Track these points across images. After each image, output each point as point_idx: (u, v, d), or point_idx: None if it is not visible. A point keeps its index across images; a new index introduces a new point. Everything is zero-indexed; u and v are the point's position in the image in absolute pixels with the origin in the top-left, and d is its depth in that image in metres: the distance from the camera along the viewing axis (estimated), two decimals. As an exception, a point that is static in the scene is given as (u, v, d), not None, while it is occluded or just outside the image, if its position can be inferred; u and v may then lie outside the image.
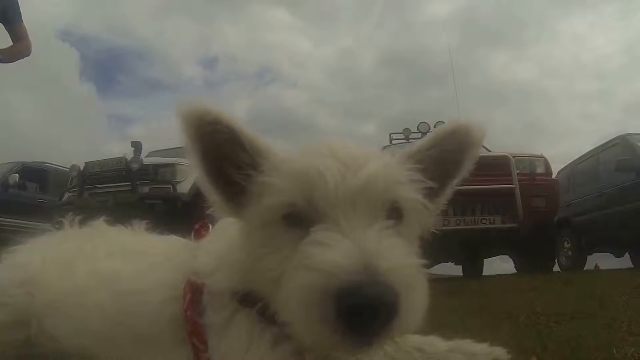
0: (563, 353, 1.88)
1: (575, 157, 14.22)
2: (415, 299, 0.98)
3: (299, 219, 1.08)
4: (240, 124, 1.19)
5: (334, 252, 0.95)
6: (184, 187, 9.73)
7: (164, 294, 1.34)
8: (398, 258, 0.98)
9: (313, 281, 0.93)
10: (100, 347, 1.42)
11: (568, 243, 12.93)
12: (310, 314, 0.94)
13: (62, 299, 1.49)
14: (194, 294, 1.28)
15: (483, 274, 11.91)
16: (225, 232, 1.38)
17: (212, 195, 1.22)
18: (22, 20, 5.66)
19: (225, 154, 1.19)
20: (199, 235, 1.52)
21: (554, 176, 10.15)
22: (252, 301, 1.21)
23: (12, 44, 5.57)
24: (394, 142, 12.91)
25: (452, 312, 3.25)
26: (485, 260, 12.30)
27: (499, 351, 1.46)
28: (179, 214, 9.35)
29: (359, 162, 1.11)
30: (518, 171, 8.39)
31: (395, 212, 1.13)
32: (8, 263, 1.66)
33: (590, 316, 2.89)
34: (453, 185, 1.35)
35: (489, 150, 10.79)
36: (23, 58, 5.70)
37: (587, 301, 3.56)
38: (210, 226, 1.53)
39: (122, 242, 1.65)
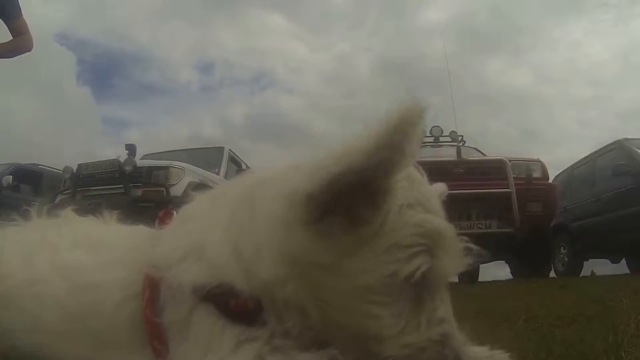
0: (569, 356, 1.77)
1: (572, 163, 14.17)
2: None
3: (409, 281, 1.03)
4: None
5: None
6: (178, 190, 9.60)
7: (123, 291, 1.22)
8: None
9: None
10: (56, 347, 1.30)
11: (564, 249, 12.84)
12: None
13: (19, 290, 1.37)
14: (152, 291, 1.16)
15: (478, 279, 11.89)
16: (192, 217, 1.27)
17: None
18: (21, 15, 5.43)
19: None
20: (162, 223, 1.39)
21: (550, 181, 10.12)
22: (223, 294, 1.08)
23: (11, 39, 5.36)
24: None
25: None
26: (480, 265, 12.26)
27: (500, 355, 1.35)
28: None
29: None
30: (514, 175, 8.32)
31: None
32: None
33: (593, 319, 2.80)
34: None
35: (485, 155, 10.74)
36: (24, 53, 5.51)
37: (588, 304, 3.47)
38: (175, 213, 1.39)
39: (88, 233, 1.52)
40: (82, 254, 1.41)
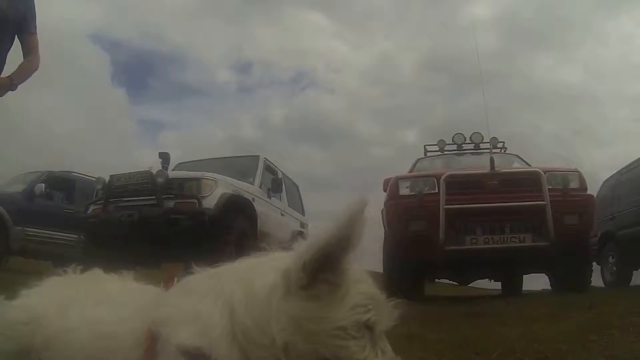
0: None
1: (624, 163, 14.28)
2: None
3: (366, 325, 1.58)
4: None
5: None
6: (210, 202, 10.27)
7: (133, 340, 1.72)
8: None
9: None
10: None
11: (612, 258, 13.11)
12: None
13: (57, 336, 1.92)
14: (151, 342, 1.64)
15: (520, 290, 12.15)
16: (193, 289, 1.74)
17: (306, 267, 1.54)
18: (36, 31, 5.69)
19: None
20: (166, 286, 1.89)
21: (598, 188, 10.21)
22: (195, 355, 1.53)
23: (23, 58, 5.56)
24: (428, 154, 13.30)
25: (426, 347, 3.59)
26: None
27: None
28: (205, 229, 9.98)
29: None
30: (550, 187, 8.48)
31: None
32: (18, 304, 2.09)
33: (566, 356, 3.17)
34: None
35: (526, 162, 11.00)
36: (32, 74, 5.73)
37: (584, 334, 3.76)
38: (176, 279, 1.92)
39: (109, 291, 2.07)
40: (104, 309, 1.96)
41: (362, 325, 1.56)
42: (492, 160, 8.75)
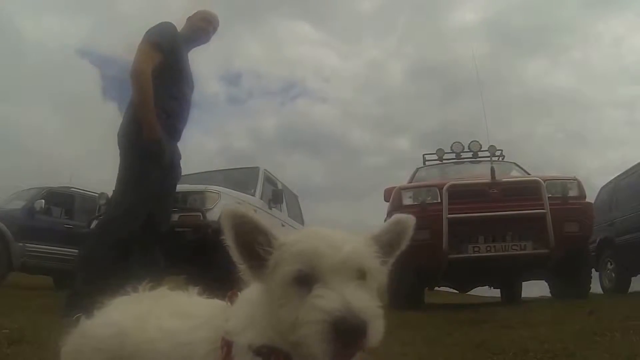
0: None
1: (623, 168, 14.43)
2: (376, 326, 1.65)
3: (304, 280, 1.72)
4: (259, 219, 1.85)
5: (330, 301, 1.63)
6: (214, 215, 10.40)
7: (208, 347, 1.97)
8: (364, 302, 1.66)
9: (319, 317, 1.61)
10: None
11: (611, 264, 13.31)
12: (317, 335, 1.62)
13: (140, 347, 2.18)
14: (227, 347, 1.89)
15: (520, 297, 12.41)
16: (249, 300, 1.99)
17: (241, 265, 1.85)
18: None
19: (251, 237, 1.81)
20: (231, 300, 2.13)
21: (592, 193, 10.40)
22: (266, 352, 1.82)
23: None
24: (427, 163, 13.61)
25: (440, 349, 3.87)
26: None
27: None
28: (209, 242, 10.03)
29: (340, 244, 1.78)
30: (550, 195, 8.74)
31: (362, 275, 1.78)
32: (102, 321, 2.31)
33: (573, 355, 3.45)
34: (395, 257, 2.00)
35: (527, 173, 11.24)
36: None
37: (588, 336, 4.04)
38: (239, 293, 2.20)
39: (179, 305, 2.35)
40: (177, 321, 2.24)
41: (292, 284, 1.73)
42: (492, 170, 9.03)
